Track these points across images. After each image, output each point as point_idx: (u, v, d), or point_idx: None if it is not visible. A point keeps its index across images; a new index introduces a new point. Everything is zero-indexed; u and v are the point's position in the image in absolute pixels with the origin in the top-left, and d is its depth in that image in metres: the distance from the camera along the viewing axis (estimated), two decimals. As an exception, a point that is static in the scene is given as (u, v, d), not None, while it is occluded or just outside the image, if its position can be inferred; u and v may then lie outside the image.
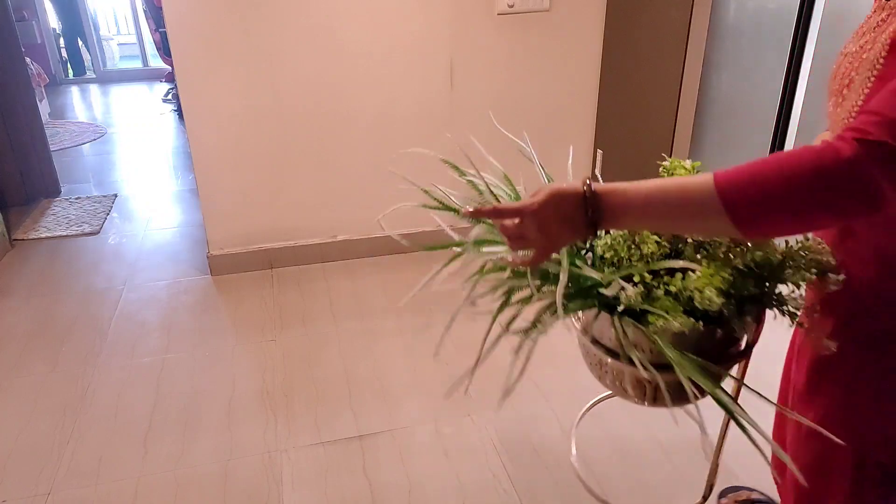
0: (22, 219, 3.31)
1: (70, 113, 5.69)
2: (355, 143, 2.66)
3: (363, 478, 1.67)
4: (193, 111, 2.46)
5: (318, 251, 2.80)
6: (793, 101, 2.25)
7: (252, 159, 2.59)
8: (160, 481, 1.67)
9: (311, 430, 1.83)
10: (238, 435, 1.82)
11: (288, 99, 2.52)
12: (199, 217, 3.32)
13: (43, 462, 1.74)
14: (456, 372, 2.07)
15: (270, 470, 1.70)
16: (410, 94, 2.63)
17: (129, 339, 2.29)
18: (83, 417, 1.90)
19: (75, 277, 2.73)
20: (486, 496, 1.61)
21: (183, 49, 2.36)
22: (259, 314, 2.43)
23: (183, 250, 2.97)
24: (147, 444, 1.80)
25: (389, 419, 1.87)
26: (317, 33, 2.45)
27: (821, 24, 2.14)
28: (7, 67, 3.32)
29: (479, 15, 2.56)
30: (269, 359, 2.16)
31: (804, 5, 2.12)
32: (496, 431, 1.82)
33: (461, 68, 2.64)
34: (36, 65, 5.14)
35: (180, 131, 4.98)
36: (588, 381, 2.08)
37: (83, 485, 1.66)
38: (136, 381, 2.06)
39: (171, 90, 5.98)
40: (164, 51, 5.51)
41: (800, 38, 2.17)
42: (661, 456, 1.72)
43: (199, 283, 2.67)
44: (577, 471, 1.40)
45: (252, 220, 2.69)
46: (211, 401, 1.96)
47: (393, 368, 2.10)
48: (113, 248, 3.01)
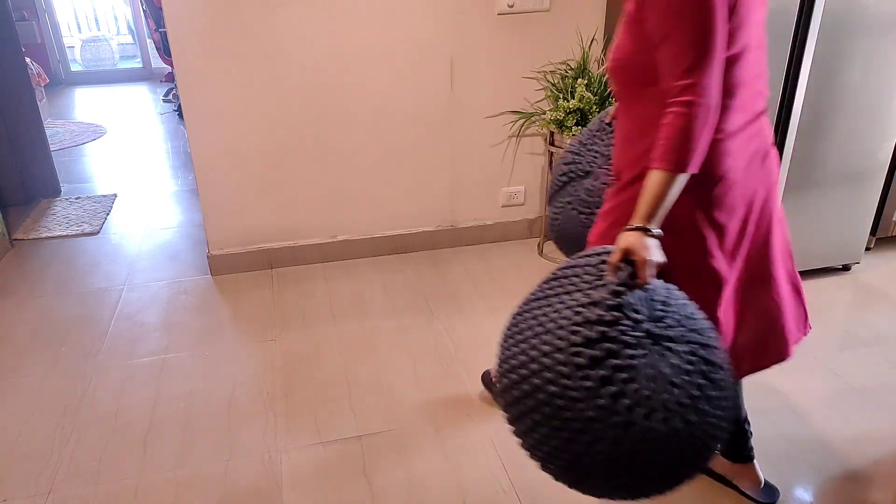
0: (22, 219, 3.31)
1: (70, 113, 5.69)
2: (355, 143, 2.66)
3: (363, 478, 1.67)
4: (193, 111, 2.46)
5: (318, 251, 2.80)
6: (793, 101, 2.25)
7: (252, 159, 2.59)
8: (160, 481, 1.67)
9: (311, 431, 1.83)
10: (238, 435, 1.82)
11: (288, 99, 2.52)
12: (199, 217, 3.32)
13: (43, 462, 1.74)
14: (456, 372, 2.07)
15: (270, 470, 1.70)
16: (410, 94, 2.63)
17: (128, 339, 2.29)
18: (83, 417, 1.90)
19: (75, 277, 2.73)
20: (486, 496, 1.61)
21: (183, 49, 2.36)
22: (259, 314, 2.43)
23: (183, 250, 2.97)
24: (147, 444, 1.80)
25: (389, 419, 1.87)
26: (317, 33, 2.45)
27: (821, 24, 2.14)
28: (7, 67, 3.32)
29: (479, 15, 2.56)
30: (269, 359, 2.16)
31: (804, 5, 2.12)
32: (496, 431, 1.82)
33: (461, 68, 2.64)
34: (36, 65, 5.14)
35: (180, 131, 4.98)
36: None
37: (83, 485, 1.66)
38: (136, 381, 2.06)
39: (171, 90, 5.98)
40: (164, 51, 5.51)
41: (800, 38, 2.17)
42: (661, 456, 1.72)
43: (199, 283, 2.67)
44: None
45: (252, 221, 2.70)
46: (211, 401, 1.96)
47: (393, 368, 2.10)
48: (113, 248, 3.01)
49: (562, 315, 1.14)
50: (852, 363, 2.11)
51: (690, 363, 1.09)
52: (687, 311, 1.16)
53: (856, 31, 2.18)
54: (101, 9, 7.94)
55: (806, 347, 2.19)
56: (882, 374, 2.06)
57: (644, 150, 1.20)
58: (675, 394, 1.06)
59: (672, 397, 1.06)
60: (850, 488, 1.62)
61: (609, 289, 1.12)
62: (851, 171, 2.43)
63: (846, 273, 2.69)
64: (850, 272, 2.69)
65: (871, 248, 2.88)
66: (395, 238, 2.86)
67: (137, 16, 6.99)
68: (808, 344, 2.21)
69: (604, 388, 1.06)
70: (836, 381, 2.02)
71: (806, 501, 1.59)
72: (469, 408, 1.91)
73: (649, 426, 1.04)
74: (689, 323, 1.14)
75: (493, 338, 2.24)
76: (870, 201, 2.52)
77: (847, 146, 2.37)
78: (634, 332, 1.08)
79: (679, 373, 1.08)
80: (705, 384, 1.09)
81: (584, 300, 1.13)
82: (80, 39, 7.53)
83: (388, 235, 2.86)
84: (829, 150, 2.36)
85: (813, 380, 2.03)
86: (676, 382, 1.07)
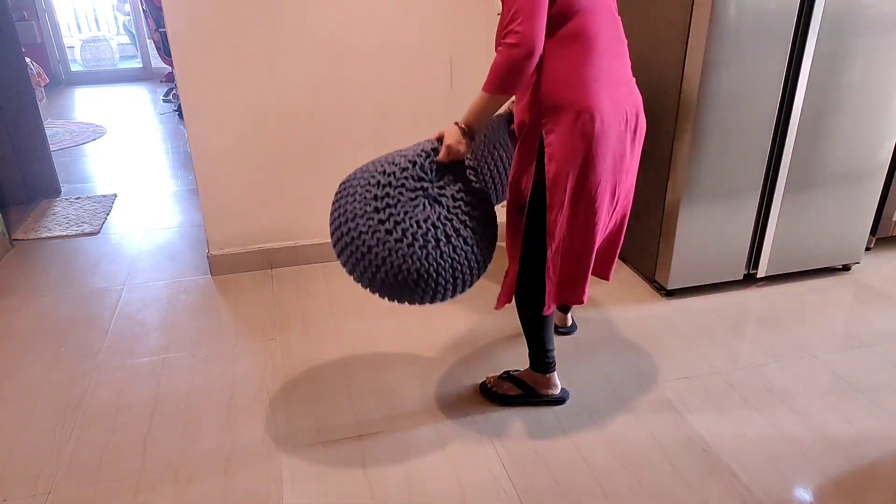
0: (22, 219, 3.31)
1: (70, 113, 5.70)
2: (355, 142, 2.66)
3: (363, 478, 1.67)
4: (193, 111, 2.46)
5: (318, 251, 2.80)
6: (793, 101, 2.25)
7: (252, 159, 2.59)
8: (160, 481, 1.67)
9: (311, 431, 1.83)
10: (238, 435, 1.82)
11: (288, 99, 2.52)
12: (199, 217, 3.32)
13: (43, 462, 1.74)
14: (456, 371, 2.07)
15: (270, 470, 1.70)
16: (410, 94, 2.63)
17: (128, 338, 2.29)
18: (83, 417, 1.90)
19: (75, 277, 2.73)
20: (486, 496, 1.61)
21: (183, 49, 2.36)
22: (259, 314, 2.43)
23: (183, 250, 2.97)
24: (147, 444, 1.80)
25: (389, 419, 1.87)
26: (317, 33, 2.45)
27: (821, 24, 2.14)
28: (7, 67, 3.33)
29: (479, 15, 2.57)
30: (269, 358, 2.16)
31: (804, 5, 2.12)
32: (496, 431, 1.82)
33: (461, 68, 2.64)
34: (36, 65, 5.14)
35: (180, 131, 4.99)
36: (588, 380, 2.08)
37: (83, 485, 1.66)
38: (136, 380, 2.06)
39: (171, 90, 5.98)
40: (164, 51, 5.51)
41: (800, 37, 2.17)
42: (661, 456, 1.72)
43: (199, 283, 2.67)
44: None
45: (252, 220, 2.70)
46: (211, 401, 1.96)
47: (393, 368, 2.10)
48: (113, 248, 3.01)
49: (371, 170, 1.56)
50: (852, 363, 2.11)
51: (448, 219, 1.56)
52: (471, 196, 1.60)
53: (856, 31, 2.18)
54: (101, 9, 7.95)
55: (806, 347, 2.19)
56: (882, 374, 2.06)
57: (525, 105, 1.55)
58: (433, 232, 1.53)
59: (430, 234, 1.53)
60: (850, 488, 1.62)
61: (416, 151, 1.58)
62: (851, 171, 2.43)
63: (846, 273, 2.69)
64: (850, 272, 2.69)
65: (871, 248, 2.88)
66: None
67: (137, 16, 6.99)
68: (808, 344, 2.21)
69: (382, 225, 1.51)
70: (836, 381, 2.02)
71: (806, 501, 1.59)
72: (469, 408, 1.91)
73: (412, 252, 1.51)
74: (466, 199, 1.59)
75: (493, 337, 2.24)
76: (870, 201, 2.52)
77: (847, 146, 2.37)
78: (415, 183, 1.54)
79: (439, 221, 1.54)
80: (454, 236, 1.56)
81: (397, 157, 1.57)
82: (80, 39, 7.54)
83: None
84: (829, 150, 2.36)
85: (813, 380, 2.03)
86: (437, 226, 1.54)
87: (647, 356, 2.15)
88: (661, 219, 2.42)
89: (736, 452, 1.74)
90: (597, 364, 2.11)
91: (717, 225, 2.37)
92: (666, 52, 2.26)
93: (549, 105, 1.50)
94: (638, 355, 2.15)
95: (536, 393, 1.90)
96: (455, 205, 1.57)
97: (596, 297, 2.51)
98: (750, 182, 2.32)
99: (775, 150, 2.32)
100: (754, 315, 2.40)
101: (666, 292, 2.51)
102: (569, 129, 1.49)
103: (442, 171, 1.58)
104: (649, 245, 2.53)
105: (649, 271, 2.57)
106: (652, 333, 2.28)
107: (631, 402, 1.93)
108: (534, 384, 1.90)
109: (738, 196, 2.34)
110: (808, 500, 1.59)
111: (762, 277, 2.63)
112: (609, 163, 1.55)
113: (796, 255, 2.55)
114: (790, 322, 2.35)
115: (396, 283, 1.54)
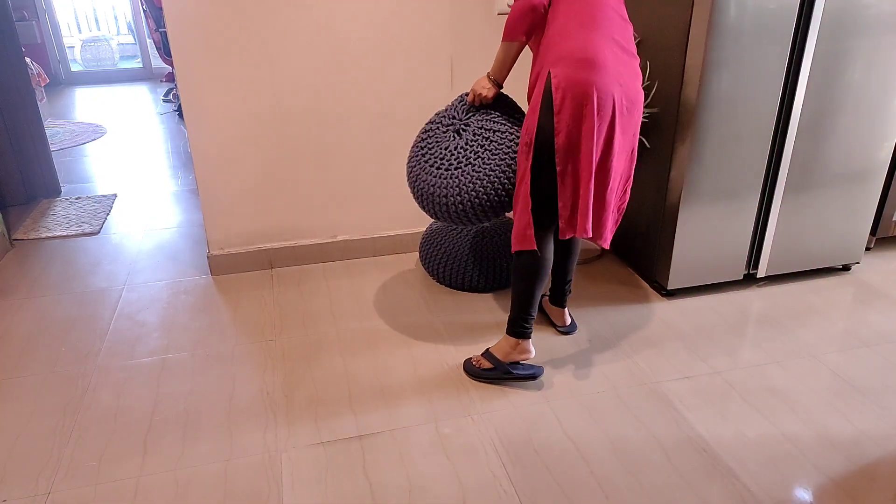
0: (22, 219, 3.31)
1: (70, 113, 5.70)
2: (355, 143, 2.66)
3: (363, 478, 1.67)
4: (193, 111, 2.46)
5: (318, 251, 2.80)
6: (793, 101, 2.25)
7: (252, 159, 2.59)
8: (160, 481, 1.67)
9: (311, 430, 1.83)
10: (238, 435, 1.82)
11: (288, 99, 2.52)
12: (199, 217, 3.32)
13: (43, 462, 1.74)
14: (456, 371, 2.07)
15: (270, 470, 1.70)
16: (410, 94, 2.63)
17: (128, 338, 2.29)
18: (83, 417, 1.90)
19: (75, 277, 2.73)
20: (486, 496, 1.61)
21: (183, 49, 2.36)
22: (259, 314, 2.43)
23: (183, 250, 2.97)
24: (147, 444, 1.80)
25: (389, 419, 1.87)
26: (317, 33, 2.45)
27: (821, 24, 2.14)
28: (7, 67, 3.33)
29: (479, 15, 2.57)
30: (269, 359, 2.16)
31: (804, 5, 2.12)
32: (496, 431, 1.82)
33: (461, 68, 2.64)
34: (36, 65, 5.14)
35: (180, 131, 4.99)
36: (589, 380, 2.08)
37: (83, 485, 1.66)
38: (136, 381, 2.06)
39: (171, 90, 5.98)
40: (164, 51, 5.51)
41: (800, 38, 2.17)
42: (661, 456, 1.72)
43: (199, 283, 2.67)
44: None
45: (252, 220, 2.70)
46: (211, 401, 1.96)
47: (393, 368, 2.10)
48: (113, 248, 3.01)
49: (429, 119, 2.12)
50: (852, 363, 2.11)
51: (469, 147, 2.00)
52: (490, 132, 1.99)
53: (856, 31, 2.18)
54: (101, 9, 7.95)
55: (806, 347, 2.19)
56: (882, 374, 2.06)
57: (535, 75, 1.80)
58: (455, 155, 2.01)
59: (452, 156, 2.02)
60: (850, 488, 1.62)
61: (456, 99, 2.10)
62: (851, 171, 2.43)
63: (846, 273, 2.69)
64: (850, 272, 2.69)
65: (871, 248, 2.88)
66: (395, 238, 2.86)
67: (137, 16, 6.99)
68: (808, 344, 2.21)
69: (421, 150, 2.10)
70: (836, 381, 2.02)
71: (806, 501, 1.59)
72: (469, 408, 1.91)
73: (441, 172, 2.02)
74: (485, 135, 1.99)
75: (493, 336, 2.24)
76: (870, 201, 2.52)
77: (847, 146, 2.38)
78: (449, 121, 2.08)
79: (458, 149, 2.02)
80: (470, 160, 1.99)
81: (445, 106, 2.20)
82: (80, 39, 7.53)
83: (388, 235, 2.86)
84: (829, 150, 2.36)
85: (813, 380, 2.03)
86: (455, 153, 2.02)
87: (647, 356, 2.15)
88: (662, 219, 2.42)
89: (736, 452, 1.74)
90: (597, 364, 2.11)
91: (717, 225, 2.37)
92: (666, 53, 2.26)
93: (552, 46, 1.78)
94: (638, 355, 2.15)
95: (507, 367, 1.97)
96: (474, 139, 1.99)
97: (596, 297, 2.51)
98: (750, 182, 2.33)
99: (775, 151, 2.32)
100: (754, 315, 2.40)
101: (666, 292, 2.51)
102: (572, 65, 1.71)
103: (469, 112, 2.03)
104: (649, 245, 2.53)
105: (649, 271, 2.57)
106: (652, 333, 2.28)
107: (631, 401, 1.93)
108: (510, 350, 1.97)
109: (738, 196, 2.34)
110: (808, 500, 1.59)
111: (762, 277, 2.63)
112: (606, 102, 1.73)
113: (796, 255, 2.55)
114: (790, 322, 2.35)
115: (424, 196, 2.05)
